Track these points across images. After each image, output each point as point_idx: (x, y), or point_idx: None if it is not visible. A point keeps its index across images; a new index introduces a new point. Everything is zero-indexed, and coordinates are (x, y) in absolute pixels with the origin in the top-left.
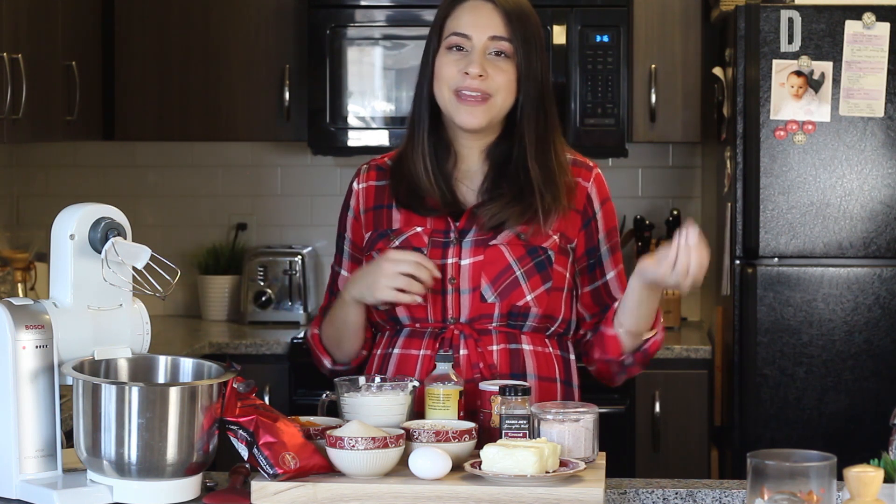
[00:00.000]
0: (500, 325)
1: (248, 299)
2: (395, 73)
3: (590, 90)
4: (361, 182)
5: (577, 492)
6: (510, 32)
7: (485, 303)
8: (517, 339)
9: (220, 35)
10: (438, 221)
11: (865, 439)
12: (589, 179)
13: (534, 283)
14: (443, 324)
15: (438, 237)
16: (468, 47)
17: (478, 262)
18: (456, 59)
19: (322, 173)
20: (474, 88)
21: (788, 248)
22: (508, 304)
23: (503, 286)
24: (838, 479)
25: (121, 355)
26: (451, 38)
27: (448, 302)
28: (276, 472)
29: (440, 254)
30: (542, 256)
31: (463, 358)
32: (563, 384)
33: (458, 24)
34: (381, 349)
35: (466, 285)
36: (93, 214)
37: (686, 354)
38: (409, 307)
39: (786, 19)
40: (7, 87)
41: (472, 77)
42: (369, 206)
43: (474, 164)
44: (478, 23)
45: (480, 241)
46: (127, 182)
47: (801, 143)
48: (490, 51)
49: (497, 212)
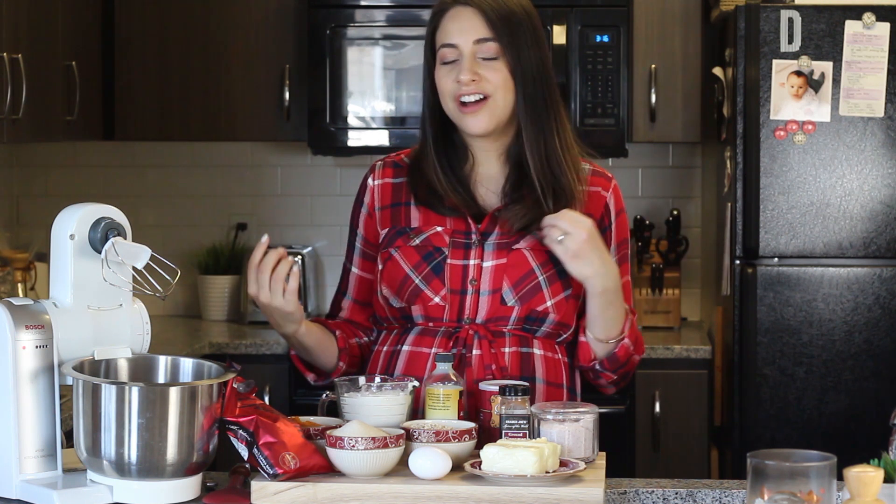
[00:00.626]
0: (515, 328)
1: (248, 299)
2: (395, 73)
3: (590, 90)
4: (377, 178)
5: (577, 492)
6: (494, 33)
7: (504, 305)
8: (529, 344)
9: (220, 35)
10: (458, 222)
11: (865, 439)
12: (608, 189)
13: (555, 289)
14: (457, 323)
15: (459, 238)
16: (457, 56)
17: (500, 265)
18: (450, 70)
19: (322, 173)
20: (470, 93)
21: (788, 248)
22: (528, 309)
23: (525, 290)
24: (838, 479)
25: (121, 355)
26: (442, 51)
27: (466, 302)
28: (276, 472)
29: (462, 254)
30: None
31: (476, 358)
32: (569, 391)
33: (444, 36)
34: (389, 346)
35: (487, 287)
36: (93, 214)
37: (686, 354)
38: (426, 306)
39: (786, 19)
40: (7, 87)
41: (464, 84)
42: (386, 204)
43: (493, 166)
44: (462, 28)
45: (503, 245)
46: (127, 182)
47: (801, 143)
48: (479, 55)
49: (525, 213)
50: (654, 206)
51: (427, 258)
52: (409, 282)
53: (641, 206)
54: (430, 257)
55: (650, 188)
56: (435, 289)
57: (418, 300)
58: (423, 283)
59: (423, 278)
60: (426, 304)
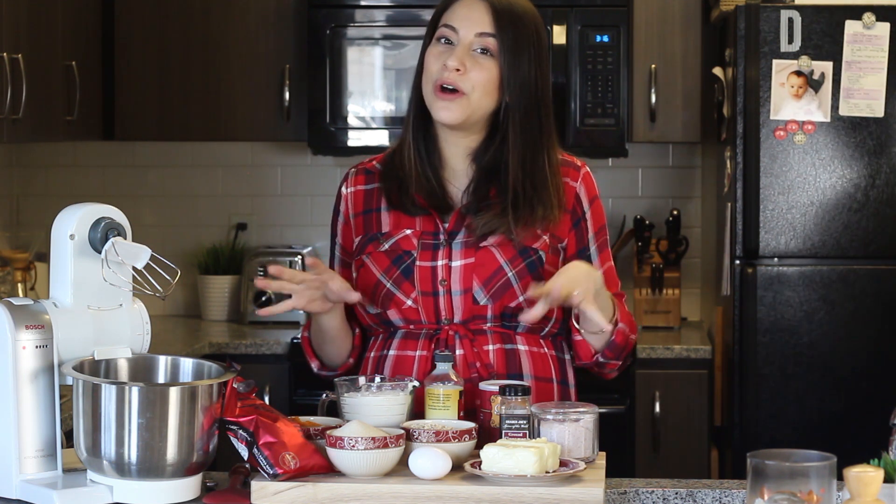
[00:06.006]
0: (495, 325)
1: (248, 299)
2: (395, 73)
3: (590, 90)
4: (350, 186)
5: (577, 492)
6: (498, 31)
7: (477, 304)
8: (512, 340)
9: (220, 35)
10: (427, 223)
11: (865, 439)
12: (577, 179)
13: (525, 284)
14: (437, 325)
15: (428, 239)
16: (454, 40)
17: (469, 265)
18: (441, 52)
19: (322, 173)
20: (450, 82)
21: (788, 248)
22: (501, 306)
23: (495, 288)
24: (838, 479)
25: (121, 355)
26: (442, 29)
27: (440, 303)
28: (276, 472)
29: (430, 256)
30: (534, 257)
31: (459, 358)
32: (560, 384)
33: (450, 17)
34: (376, 352)
35: (458, 287)
36: (93, 214)
37: (686, 354)
38: (401, 309)
39: (786, 19)
40: (7, 87)
41: (448, 70)
42: (358, 211)
43: (459, 165)
44: (469, 16)
45: (471, 243)
46: (127, 182)
47: (801, 143)
48: (475, 47)
49: (489, 220)
50: (654, 206)
51: (396, 262)
52: (380, 287)
53: (641, 206)
54: (399, 261)
55: (650, 188)
56: (406, 291)
57: (392, 304)
58: (395, 287)
59: (393, 282)
60: (400, 308)
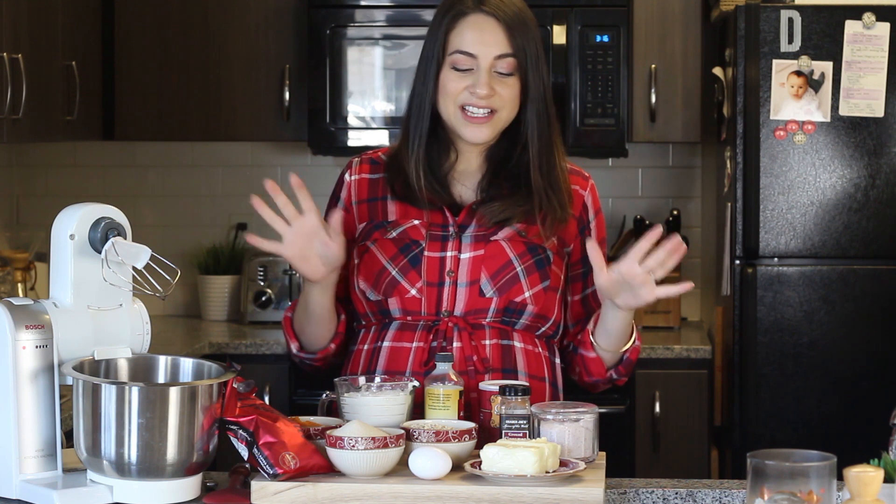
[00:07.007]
0: (495, 320)
1: (248, 299)
2: (395, 73)
3: (590, 90)
4: (354, 174)
5: (577, 492)
6: (515, 48)
7: (482, 297)
8: (509, 336)
9: (220, 35)
10: (435, 215)
11: (865, 439)
12: (585, 188)
13: (532, 280)
14: (436, 316)
15: (437, 230)
16: (474, 66)
17: (478, 257)
18: (461, 77)
19: (322, 173)
20: (482, 106)
21: (788, 248)
22: (506, 300)
23: (503, 281)
24: (838, 479)
25: (121, 355)
26: (457, 57)
27: (444, 294)
28: (276, 472)
29: (439, 247)
30: (542, 255)
31: (456, 350)
32: (551, 385)
33: (462, 42)
34: (369, 344)
35: (465, 279)
36: (93, 214)
37: (686, 354)
38: (403, 298)
39: (786, 19)
40: (7, 87)
41: (480, 97)
42: (362, 198)
43: (473, 163)
44: (484, 40)
45: (481, 237)
46: (127, 182)
47: (801, 143)
48: (497, 69)
49: (502, 209)
50: (654, 206)
51: (404, 250)
52: (385, 274)
53: (641, 206)
54: (407, 249)
55: (650, 188)
56: (411, 280)
57: (395, 292)
58: (400, 275)
59: (399, 270)
60: (403, 297)
